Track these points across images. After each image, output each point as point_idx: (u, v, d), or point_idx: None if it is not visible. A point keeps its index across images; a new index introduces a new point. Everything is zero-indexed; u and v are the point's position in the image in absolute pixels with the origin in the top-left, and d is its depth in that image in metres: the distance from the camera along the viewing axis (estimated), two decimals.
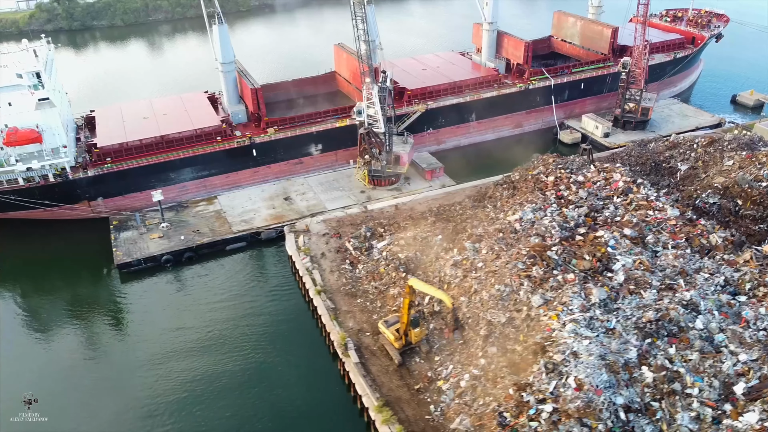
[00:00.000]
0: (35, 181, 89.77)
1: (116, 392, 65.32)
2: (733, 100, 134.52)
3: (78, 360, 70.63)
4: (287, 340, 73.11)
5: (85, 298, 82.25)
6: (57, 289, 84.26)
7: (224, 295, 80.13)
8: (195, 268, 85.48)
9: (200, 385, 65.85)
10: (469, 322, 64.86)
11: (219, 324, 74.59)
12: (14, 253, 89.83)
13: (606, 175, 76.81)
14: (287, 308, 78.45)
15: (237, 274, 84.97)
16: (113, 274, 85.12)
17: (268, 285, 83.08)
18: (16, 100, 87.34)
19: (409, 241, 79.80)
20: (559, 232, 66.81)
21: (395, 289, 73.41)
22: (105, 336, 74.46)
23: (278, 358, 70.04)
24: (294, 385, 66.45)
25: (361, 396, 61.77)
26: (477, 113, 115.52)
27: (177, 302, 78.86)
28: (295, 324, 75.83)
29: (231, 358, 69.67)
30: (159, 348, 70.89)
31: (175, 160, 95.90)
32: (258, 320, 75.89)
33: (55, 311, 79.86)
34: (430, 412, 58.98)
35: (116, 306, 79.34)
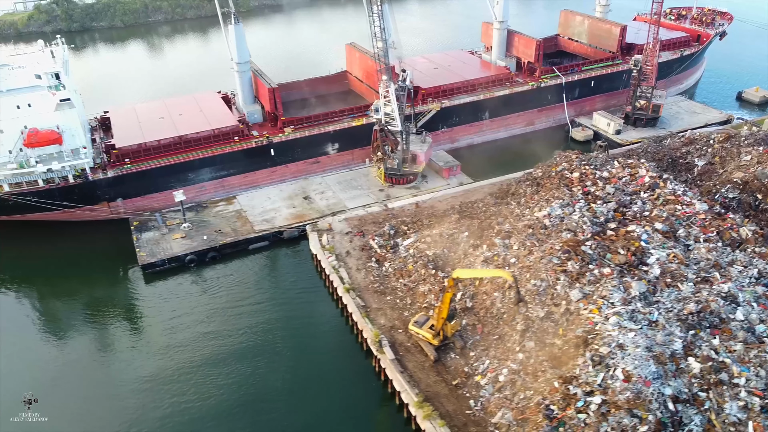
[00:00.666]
0: (55, 183, 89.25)
1: (150, 395, 65.17)
2: (738, 97, 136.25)
3: (114, 362, 70.23)
4: (318, 339, 73.37)
5: (110, 299, 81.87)
6: (80, 290, 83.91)
7: (251, 295, 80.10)
8: (219, 268, 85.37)
9: (237, 388, 65.68)
10: (504, 317, 65.43)
11: (249, 325, 74.51)
12: (34, 254, 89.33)
13: (631, 170, 77.70)
14: (315, 307, 78.62)
15: (262, 273, 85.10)
16: (137, 274, 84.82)
17: (293, 284, 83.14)
18: (36, 101, 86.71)
19: (435, 238, 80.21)
20: (591, 227, 67.43)
21: (425, 286, 73.77)
22: (135, 337, 74.12)
23: (311, 357, 70.16)
24: (330, 383, 66.60)
25: (400, 392, 62.07)
26: (490, 111, 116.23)
27: (205, 303, 78.58)
28: (325, 322, 76.14)
29: (265, 358, 69.56)
30: (192, 350, 70.61)
31: (194, 161, 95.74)
32: (287, 320, 75.95)
33: (79, 312, 79.40)
34: (471, 407, 59.41)
35: (143, 307, 78.98)
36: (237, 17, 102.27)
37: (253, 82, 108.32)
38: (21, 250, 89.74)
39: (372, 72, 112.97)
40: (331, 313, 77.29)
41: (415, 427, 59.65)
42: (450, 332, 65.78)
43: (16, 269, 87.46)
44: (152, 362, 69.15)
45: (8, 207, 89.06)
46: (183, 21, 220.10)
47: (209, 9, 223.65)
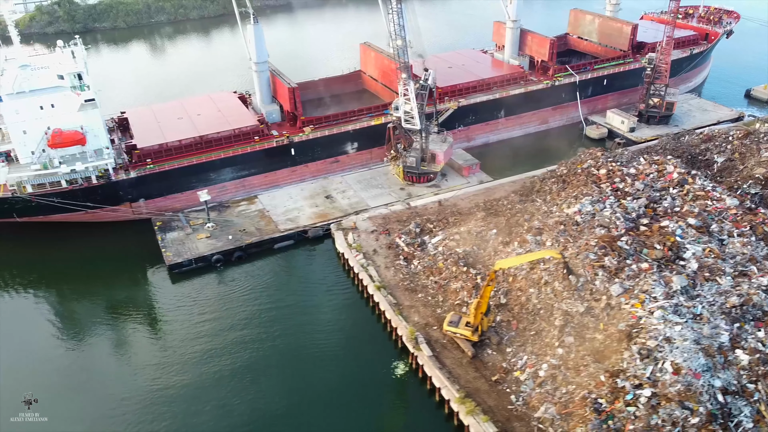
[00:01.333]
0: (78, 184, 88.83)
1: (190, 397, 65.14)
2: (747, 95, 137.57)
3: (157, 365, 69.81)
4: (351, 337, 73.43)
5: (137, 299, 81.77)
6: (106, 291, 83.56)
7: (281, 294, 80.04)
8: (246, 268, 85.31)
9: (276, 393, 65.67)
10: (541, 313, 65.91)
11: (282, 325, 74.35)
12: (57, 256, 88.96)
13: (658, 167, 78.43)
14: (345, 305, 78.76)
15: (289, 272, 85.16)
16: (162, 274, 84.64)
17: (321, 283, 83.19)
18: (59, 102, 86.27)
19: (464, 235, 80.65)
20: (624, 223, 68.06)
21: (457, 283, 74.13)
22: (165, 339, 73.55)
23: (346, 355, 70.34)
24: (366, 382, 66.79)
25: (440, 388, 62.41)
26: (506, 110, 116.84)
27: (234, 304, 78.36)
28: (356, 321, 76.24)
29: (299, 358, 69.57)
30: (227, 352, 70.37)
31: (216, 161, 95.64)
32: (319, 319, 75.97)
33: (106, 314, 78.84)
34: (512, 402, 59.84)
35: (172, 308, 78.55)
36: (256, 17, 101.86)
37: (271, 82, 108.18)
38: (44, 252, 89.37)
39: (388, 71, 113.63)
40: (362, 311, 77.45)
41: (458, 423, 60.04)
42: (485, 326, 66.31)
43: (40, 271, 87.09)
44: (185, 365, 68.94)
45: (31, 208, 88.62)
46: (186, 21, 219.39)
47: (212, 9, 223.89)
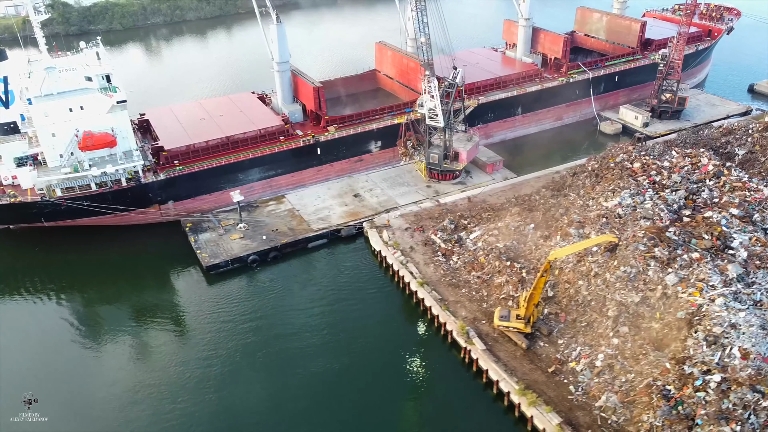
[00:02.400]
0: (108, 186, 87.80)
1: (237, 399, 64.99)
2: (750, 89, 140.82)
3: (190, 365, 69.47)
4: (398, 334, 73.77)
5: (175, 301, 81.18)
6: (143, 294, 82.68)
7: (321, 293, 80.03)
8: (282, 267, 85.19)
9: (330, 394, 65.91)
10: (592, 305, 66.94)
11: (326, 324, 74.43)
12: (89, 260, 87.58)
13: (691, 159, 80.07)
14: (387, 302, 79.11)
15: (326, 271, 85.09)
16: (197, 276, 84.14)
17: (359, 280, 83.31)
18: (88, 104, 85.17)
19: (502, 231, 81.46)
20: (668, 214, 69.41)
21: (501, 277, 74.90)
22: (212, 341, 72.54)
23: (394, 352, 70.34)
24: (419, 377, 67.20)
25: (497, 381, 63.03)
26: (523, 107, 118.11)
27: (276, 304, 78.15)
28: (401, 317, 76.80)
29: (349, 359, 69.33)
30: (277, 352, 70.21)
31: (244, 161, 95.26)
32: (362, 316, 76.15)
33: (148, 318, 77.73)
34: (571, 393, 60.73)
35: (213, 309, 77.74)
36: (279, 17, 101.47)
37: (292, 82, 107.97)
38: (75, 256, 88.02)
39: (407, 70, 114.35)
40: (405, 307, 77.82)
41: (519, 415, 60.73)
42: (534, 318, 67.22)
43: (72, 275, 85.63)
44: (238, 365, 68.88)
45: (59, 212, 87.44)
46: (182, 23, 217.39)
47: (208, 11, 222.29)
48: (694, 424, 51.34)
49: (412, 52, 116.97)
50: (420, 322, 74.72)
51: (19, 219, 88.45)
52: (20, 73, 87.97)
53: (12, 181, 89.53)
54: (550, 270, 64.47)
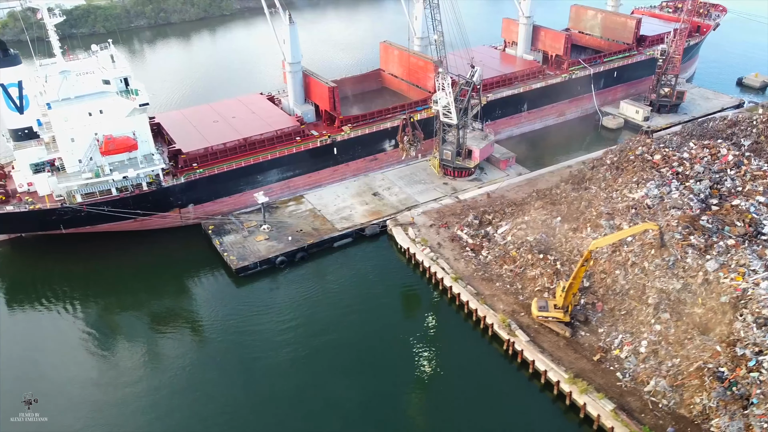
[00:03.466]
0: (128, 191, 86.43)
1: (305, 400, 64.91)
2: (739, 83, 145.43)
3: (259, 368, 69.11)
4: (435, 329, 74.45)
5: (208, 306, 79.56)
6: (173, 299, 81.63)
7: (354, 292, 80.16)
8: (310, 267, 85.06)
9: (384, 387, 66.47)
10: (630, 293, 68.67)
11: (363, 322, 74.72)
12: (114, 266, 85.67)
13: (710, 150, 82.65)
14: (419, 299, 79.90)
15: (355, 270, 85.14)
16: (224, 278, 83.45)
17: (389, 277, 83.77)
18: (107, 107, 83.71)
19: (529, 224, 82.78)
20: (697, 203, 71.63)
21: (534, 270, 76.16)
22: (255, 346, 71.72)
23: (436, 347, 71.35)
24: (464, 372, 67.73)
25: (546, 371, 64.19)
26: (528, 104, 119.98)
27: (312, 304, 77.98)
28: (436, 313, 77.33)
29: (389, 352, 70.05)
30: (315, 353, 70.29)
31: (263, 162, 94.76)
32: (398, 313, 76.89)
33: (181, 322, 76.78)
34: (619, 379, 62.28)
35: (249, 312, 77.12)
36: (291, 17, 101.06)
37: (304, 82, 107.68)
38: (98, 263, 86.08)
39: (416, 69, 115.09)
40: (437, 303, 78.51)
41: (570, 403, 61.97)
42: (571, 307, 68.76)
43: (97, 282, 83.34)
44: (282, 367, 68.75)
45: (78, 219, 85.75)
46: (167, 26, 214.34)
47: (193, 13, 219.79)
48: (750, 403, 53.30)
49: (419, 52, 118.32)
50: (456, 317, 75.50)
51: (38, 226, 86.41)
52: (33, 77, 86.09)
53: (28, 188, 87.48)
54: (591, 259, 65.90)
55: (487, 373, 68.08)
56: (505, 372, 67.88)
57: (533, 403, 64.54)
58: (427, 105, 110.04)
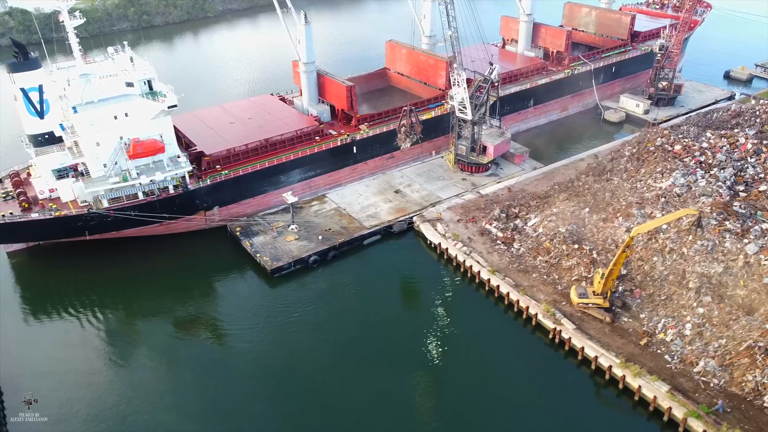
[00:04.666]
0: (155, 194, 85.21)
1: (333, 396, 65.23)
2: (726, 76, 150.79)
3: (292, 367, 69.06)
4: (477, 323, 75.27)
5: (246, 308, 78.53)
6: (208, 301, 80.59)
7: (390, 288, 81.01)
8: (343, 265, 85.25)
9: (435, 381, 67.37)
10: (669, 279, 70.95)
11: (402, 318, 75.73)
12: (143, 271, 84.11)
13: (728, 140, 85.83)
14: (457, 293, 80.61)
15: (388, 266, 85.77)
16: (255, 279, 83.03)
17: (422, 273, 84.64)
18: (132, 110, 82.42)
19: (559, 216, 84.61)
20: (726, 190, 74.43)
21: (570, 260, 77.94)
22: (310, 342, 71.91)
23: (482, 338, 72.36)
24: (512, 363, 68.97)
25: (596, 357, 65.87)
26: (534, 99, 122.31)
27: (350, 301, 78.38)
28: (475, 306, 78.16)
29: (438, 352, 70.68)
30: (363, 349, 70.91)
31: (286, 163, 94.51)
32: (436, 309, 77.52)
33: (224, 327, 75.43)
34: (668, 361, 64.35)
35: (289, 311, 76.92)
36: (307, 17, 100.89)
37: (318, 82, 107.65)
38: (127, 269, 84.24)
39: (425, 67, 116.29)
40: (473, 295, 79.53)
41: (623, 387, 63.71)
42: (609, 294, 70.83)
43: (127, 288, 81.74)
44: (341, 364, 68.95)
45: (104, 224, 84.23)
46: (150, 29, 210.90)
47: (176, 15, 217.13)
48: None
49: (428, 50, 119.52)
50: (495, 309, 76.74)
51: (63, 233, 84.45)
52: (54, 80, 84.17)
53: (49, 194, 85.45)
54: (632, 246, 67.91)
55: (535, 361, 69.34)
56: (554, 360, 69.27)
57: (584, 388, 65.97)
58: (439, 102, 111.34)
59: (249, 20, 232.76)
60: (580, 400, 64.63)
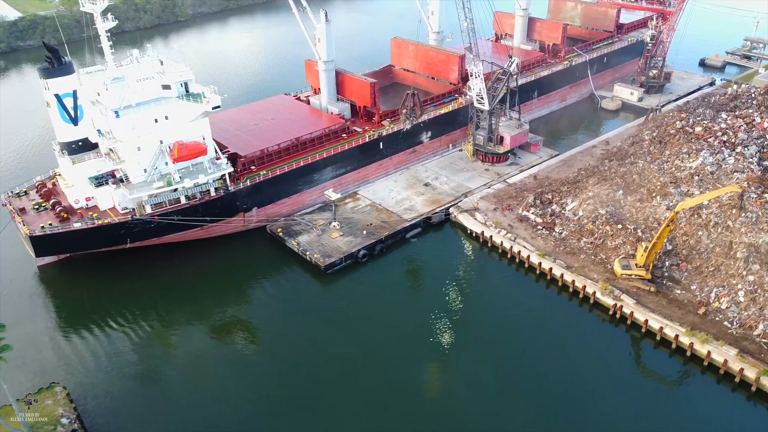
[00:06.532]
0: (197, 198, 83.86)
1: None
2: (701, 63, 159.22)
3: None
4: (533, 306, 77.47)
5: (307, 307, 78.37)
6: (263, 303, 79.77)
7: (443, 276, 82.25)
8: (391, 258, 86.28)
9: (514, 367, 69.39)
10: (716, 251, 75.35)
11: (465, 306, 77.47)
12: (190, 277, 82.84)
13: (744, 120, 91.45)
14: (508, 278, 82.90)
15: (433, 256, 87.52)
16: (305, 277, 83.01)
17: (469, 261, 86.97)
18: (173, 113, 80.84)
19: (596, 199, 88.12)
20: (756, 165, 79.60)
21: (615, 240, 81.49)
22: (385, 333, 72.71)
23: (542, 318, 74.81)
24: (580, 340, 71.85)
25: (661, 328, 69.44)
26: (538, 90, 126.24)
27: (410, 291, 79.97)
28: (528, 289, 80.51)
29: (508, 338, 72.52)
30: (436, 335, 72.47)
31: (319, 161, 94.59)
32: (492, 294, 79.74)
33: (287, 330, 74.47)
34: (728, 327, 68.54)
35: (352, 305, 77.47)
36: (327, 15, 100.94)
37: (337, 80, 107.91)
38: (174, 274, 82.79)
39: (435, 63, 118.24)
40: (523, 280, 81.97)
41: (690, 354, 67.41)
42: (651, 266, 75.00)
43: (180, 294, 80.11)
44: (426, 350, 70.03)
45: (145, 231, 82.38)
46: (121, 34, 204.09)
47: (147, 20, 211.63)
48: None
49: (436, 46, 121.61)
50: (547, 291, 79.45)
51: (104, 242, 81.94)
52: (88, 85, 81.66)
53: (86, 203, 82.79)
54: (675, 220, 71.86)
55: (599, 338, 72.42)
56: (617, 335, 72.50)
57: (651, 359, 69.49)
58: (453, 96, 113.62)
59: (219, 23, 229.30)
60: (648, 371, 68.13)
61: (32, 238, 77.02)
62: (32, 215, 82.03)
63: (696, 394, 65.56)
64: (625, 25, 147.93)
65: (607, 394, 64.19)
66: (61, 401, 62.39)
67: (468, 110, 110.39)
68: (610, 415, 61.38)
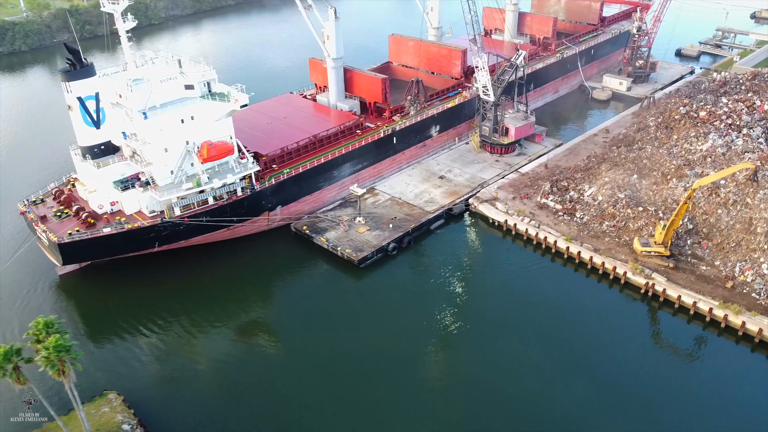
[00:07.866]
0: (224, 198, 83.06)
1: None
2: (677, 53, 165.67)
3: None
4: (565, 289, 79.72)
5: (343, 303, 78.51)
6: (304, 302, 79.25)
7: (474, 265, 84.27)
8: (419, 250, 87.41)
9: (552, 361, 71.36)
10: (737, 227, 79.15)
11: (501, 292, 78.88)
12: (222, 278, 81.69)
13: (744, 104, 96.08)
14: (536, 263, 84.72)
15: (460, 246, 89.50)
16: (340, 273, 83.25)
17: (493, 249, 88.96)
18: (198, 113, 79.90)
19: (612, 184, 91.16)
20: (765, 145, 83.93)
21: (637, 222, 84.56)
22: (430, 323, 73.68)
23: (574, 303, 77.08)
24: (607, 314, 74.76)
25: (695, 303, 72.60)
26: (534, 83, 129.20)
27: (446, 281, 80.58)
28: (558, 274, 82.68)
29: (551, 324, 73.96)
30: (475, 323, 73.93)
31: (338, 157, 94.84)
32: (523, 280, 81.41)
33: (337, 326, 74.33)
34: (757, 299, 72.16)
35: (392, 298, 78.28)
36: (336, 13, 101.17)
37: (345, 77, 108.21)
38: (204, 277, 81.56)
39: (436, 58, 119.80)
40: (550, 264, 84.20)
41: (725, 325, 70.74)
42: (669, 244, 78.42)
43: (216, 295, 79.01)
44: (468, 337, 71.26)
45: (173, 234, 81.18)
46: (93, 39, 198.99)
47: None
48: None
49: (437, 41, 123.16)
50: (575, 275, 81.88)
51: (134, 247, 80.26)
52: (111, 87, 79.86)
53: (111, 208, 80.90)
54: (693, 198, 75.25)
55: (633, 315, 75.23)
56: (650, 312, 75.44)
57: (686, 334, 72.42)
58: (456, 91, 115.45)
59: (192, 26, 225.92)
60: (685, 345, 71.09)
61: (60, 246, 74.89)
62: (55, 223, 79.68)
63: (737, 363, 68.77)
64: (608, 17, 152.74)
65: (653, 370, 66.54)
66: (117, 407, 61.14)
67: (473, 103, 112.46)
68: (661, 391, 63.99)
